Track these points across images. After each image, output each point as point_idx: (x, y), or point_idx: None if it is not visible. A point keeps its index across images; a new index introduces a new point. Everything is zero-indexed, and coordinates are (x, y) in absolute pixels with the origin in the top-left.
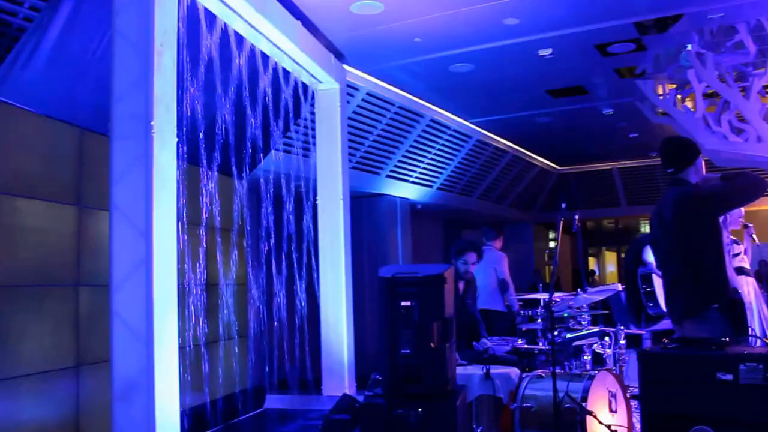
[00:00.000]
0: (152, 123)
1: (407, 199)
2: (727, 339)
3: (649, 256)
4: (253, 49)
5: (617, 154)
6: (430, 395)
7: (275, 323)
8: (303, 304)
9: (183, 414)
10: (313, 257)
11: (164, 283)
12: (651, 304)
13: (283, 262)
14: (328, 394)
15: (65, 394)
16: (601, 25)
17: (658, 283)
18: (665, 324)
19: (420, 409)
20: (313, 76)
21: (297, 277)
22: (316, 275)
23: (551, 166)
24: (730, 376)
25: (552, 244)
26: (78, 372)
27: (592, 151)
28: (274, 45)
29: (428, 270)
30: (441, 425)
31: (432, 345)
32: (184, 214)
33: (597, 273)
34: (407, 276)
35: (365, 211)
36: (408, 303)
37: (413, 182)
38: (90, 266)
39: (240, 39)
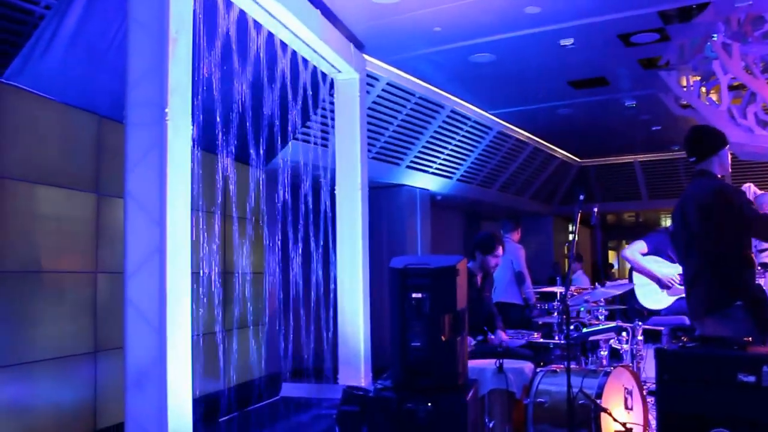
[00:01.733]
0: (166, 110)
1: (427, 190)
2: (750, 339)
3: (629, 252)
4: (271, 38)
5: (639, 146)
6: (441, 389)
7: (291, 312)
8: (320, 293)
9: (199, 401)
10: (330, 247)
11: (177, 271)
12: (633, 299)
13: (301, 252)
14: (343, 383)
15: (83, 379)
16: (625, 14)
17: (638, 278)
18: (681, 319)
19: (430, 404)
20: (332, 66)
21: (314, 266)
22: (333, 265)
23: (572, 159)
24: (752, 378)
25: (572, 237)
26: (96, 357)
27: (614, 144)
28: (293, 34)
29: (440, 261)
30: (451, 420)
31: (443, 338)
32: (202, 202)
33: (616, 267)
34: (419, 267)
35: (385, 202)
36: (419, 295)
37: (433, 173)
38: (108, 253)
39: (258, 28)
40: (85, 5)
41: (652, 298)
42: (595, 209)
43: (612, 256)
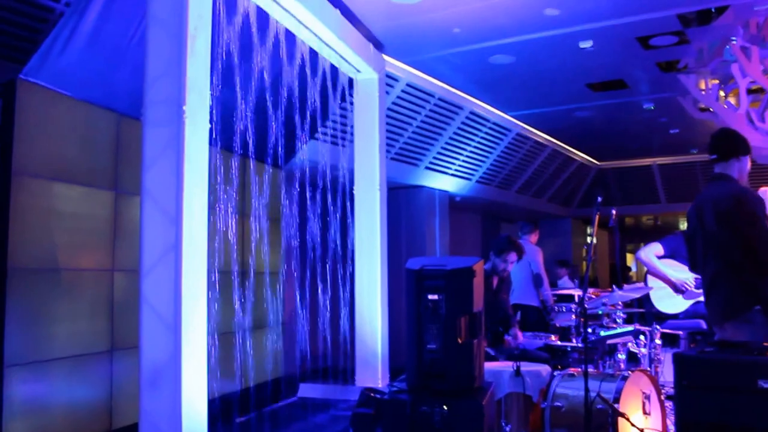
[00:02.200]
0: (184, 108)
1: (446, 191)
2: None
3: (643, 254)
4: (293, 38)
5: (657, 149)
6: (456, 392)
7: (309, 312)
8: (338, 293)
9: (216, 400)
10: (348, 247)
11: (193, 270)
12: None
13: (319, 252)
14: (361, 384)
15: (99, 378)
16: (644, 17)
17: (653, 282)
18: (697, 323)
19: (445, 407)
20: (351, 66)
21: (332, 267)
22: (351, 266)
23: (591, 161)
24: None
25: (590, 240)
26: (112, 356)
27: (632, 147)
28: (313, 33)
29: (457, 263)
30: (466, 423)
31: (459, 340)
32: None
33: (634, 270)
34: (435, 269)
35: (404, 203)
36: (435, 296)
37: (452, 174)
38: (125, 251)
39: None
40: (105, 3)
41: (667, 301)
42: (614, 212)
43: (630, 259)
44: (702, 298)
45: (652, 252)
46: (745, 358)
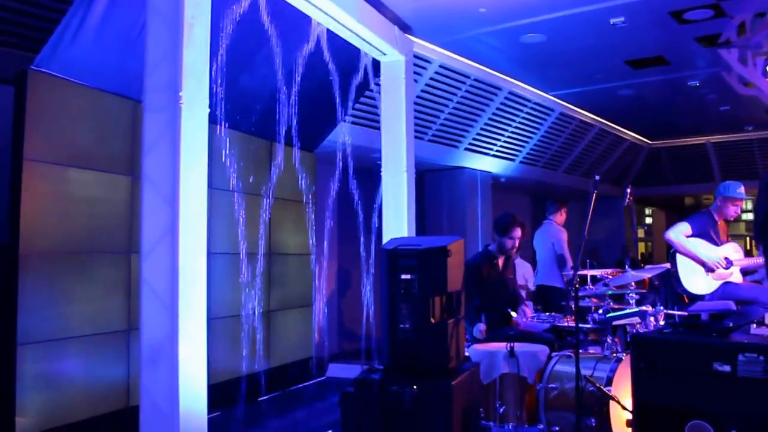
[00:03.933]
0: (180, 94)
1: (489, 172)
2: (731, 324)
3: (673, 234)
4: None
5: (710, 127)
6: (428, 372)
7: (340, 293)
8: (368, 274)
9: (244, 379)
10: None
11: (191, 252)
12: (675, 283)
13: (349, 233)
14: None
15: (116, 356)
16: None
17: (681, 261)
18: (725, 304)
19: (415, 387)
20: (376, 48)
21: (362, 247)
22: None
23: (642, 140)
24: (727, 368)
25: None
26: (129, 335)
27: (684, 125)
28: (330, 17)
29: (432, 242)
30: (436, 403)
31: (432, 320)
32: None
33: None
34: (408, 248)
35: (446, 184)
36: (408, 276)
37: (494, 155)
38: None
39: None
40: None
41: (696, 282)
42: (628, 190)
43: None
44: (732, 279)
45: (680, 232)
46: (699, 339)
